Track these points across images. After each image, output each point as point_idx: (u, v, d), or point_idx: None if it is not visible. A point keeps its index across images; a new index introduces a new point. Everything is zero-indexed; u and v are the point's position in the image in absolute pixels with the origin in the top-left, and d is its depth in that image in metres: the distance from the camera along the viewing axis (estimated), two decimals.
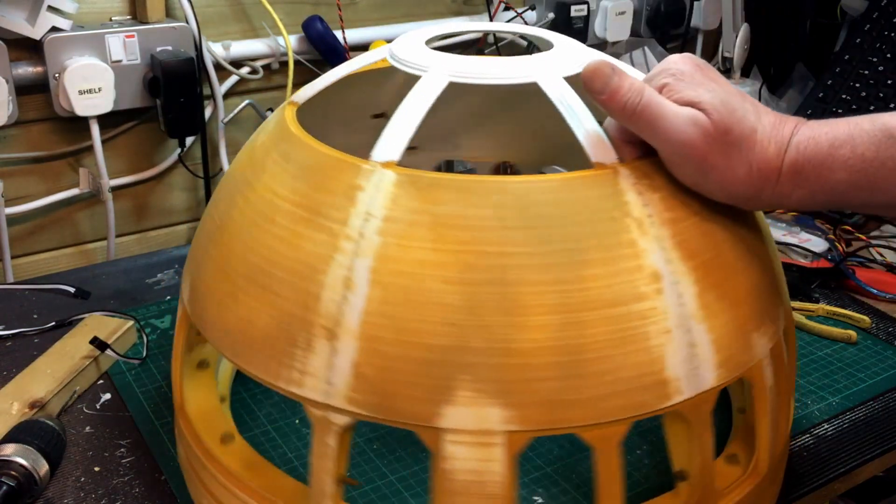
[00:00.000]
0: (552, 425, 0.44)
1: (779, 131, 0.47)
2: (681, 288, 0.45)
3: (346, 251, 0.45)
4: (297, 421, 0.64)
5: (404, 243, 0.44)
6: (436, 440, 0.44)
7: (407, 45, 0.56)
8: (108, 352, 0.68)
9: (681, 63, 0.49)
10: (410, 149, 0.48)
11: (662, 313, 0.45)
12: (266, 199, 0.49)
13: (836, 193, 0.46)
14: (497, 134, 0.79)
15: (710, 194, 0.48)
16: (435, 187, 0.46)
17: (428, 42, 0.57)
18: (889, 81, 1.01)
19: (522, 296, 0.43)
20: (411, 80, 0.52)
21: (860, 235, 0.93)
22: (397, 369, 0.44)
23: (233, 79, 0.97)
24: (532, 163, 0.80)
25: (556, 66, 0.53)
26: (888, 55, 1.04)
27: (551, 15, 1.11)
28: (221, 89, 0.96)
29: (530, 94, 0.52)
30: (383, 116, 0.71)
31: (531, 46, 1.11)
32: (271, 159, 0.51)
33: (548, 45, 0.57)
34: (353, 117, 0.67)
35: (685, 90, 0.47)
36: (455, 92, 0.51)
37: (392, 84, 0.66)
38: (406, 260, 0.44)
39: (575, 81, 0.51)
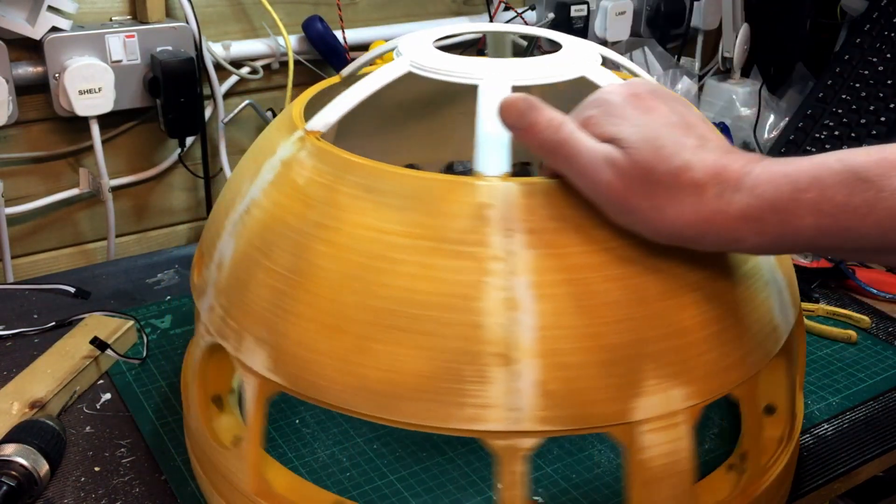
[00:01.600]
0: (717, 392, 0.46)
1: (721, 171, 0.42)
2: None
3: (499, 272, 0.43)
4: (297, 421, 0.64)
5: (557, 251, 0.44)
6: (630, 434, 0.45)
7: (428, 53, 0.55)
8: (108, 352, 0.68)
9: (614, 94, 0.45)
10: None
11: (760, 268, 0.50)
12: (367, 238, 0.45)
13: (802, 240, 0.41)
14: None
15: (643, 235, 0.44)
16: (559, 193, 0.45)
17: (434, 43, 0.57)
18: (889, 81, 1.01)
19: (674, 278, 0.45)
20: (450, 88, 0.52)
21: None
22: (583, 377, 0.43)
23: (233, 79, 0.97)
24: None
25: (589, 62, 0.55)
26: (888, 55, 1.04)
27: (551, 15, 1.11)
28: (221, 89, 0.96)
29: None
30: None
31: (530, 47, 1.11)
32: (346, 195, 0.47)
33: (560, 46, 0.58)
34: (354, 122, 0.65)
35: (607, 125, 0.44)
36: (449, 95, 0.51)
37: (404, 91, 0.65)
38: (564, 267, 0.44)
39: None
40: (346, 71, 0.65)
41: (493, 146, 0.47)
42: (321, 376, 0.45)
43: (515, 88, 0.50)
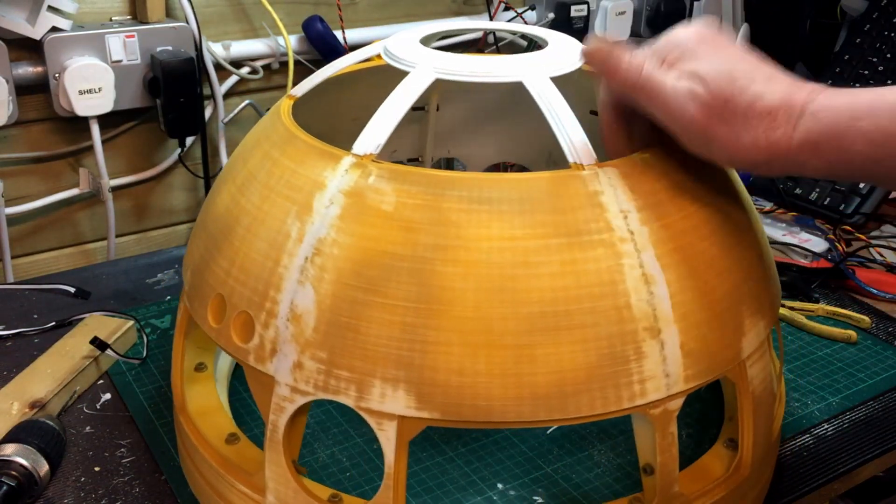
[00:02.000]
0: (775, 319, 0.54)
1: (790, 99, 0.45)
2: None
3: (630, 253, 0.46)
4: None
5: (664, 222, 0.48)
6: (742, 372, 0.51)
7: (445, 57, 0.55)
8: (108, 352, 0.68)
9: (685, 35, 0.49)
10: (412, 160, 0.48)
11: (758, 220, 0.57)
12: (497, 248, 0.45)
13: (854, 166, 0.45)
14: (495, 134, 0.80)
15: (718, 162, 0.49)
16: (646, 168, 0.49)
17: (424, 42, 0.57)
18: (889, 81, 1.01)
19: (735, 226, 0.52)
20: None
21: (860, 235, 0.93)
22: (709, 331, 0.48)
23: (233, 79, 0.97)
24: (533, 162, 0.80)
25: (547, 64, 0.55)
26: (888, 55, 1.04)
27: (551, 15, 1.11)
28: (221, 89, 0.96)
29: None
30: (354, 121, 0.70)
31: (531, 46, 1.11)
32: (455, 210, 0.46)
33: (544, 43, 0.58)
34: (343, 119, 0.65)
35: (686, 62, 0.47)
36: (454, 93, 0.51)
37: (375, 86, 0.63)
38: (672, 236, 0.48)
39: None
40: (298, 90, 0.61)
41: (575, 138, 0.49)
42: (482, 397, 0.45)
43: (554, 79, 0.52)
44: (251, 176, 0.53)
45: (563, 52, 0.56)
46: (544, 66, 0.53)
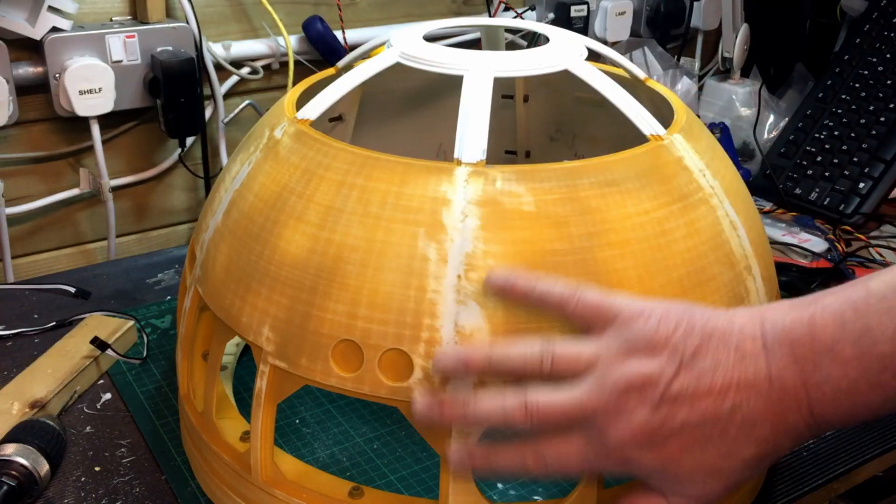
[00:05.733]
0: None
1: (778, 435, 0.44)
2: None
3: (718, 205, 0.52)
4: (297, 421, 0.64)
5: (722, 175, 0.55)
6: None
7: (418, 45, 0.56)
8: (109, 352, 0.68)
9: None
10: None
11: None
12: (639, 224, 0.48)
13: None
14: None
15: None
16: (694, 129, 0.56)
17: (428, 41, 0.58)
18: (889, 81, 1.01)
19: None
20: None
21: (860, 235, 0.93)
22: (769, 261, 0.56)
23: (233, 79, 0.97)
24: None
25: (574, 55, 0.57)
26: (888, 55, 1.04)
27: (551, 15, 1.11)
28: (221, 89, 0.96)
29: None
30: (339, 120, 0.70)
31: (531, 46, 1.11)
32: (593, 196, 0.48)
33: (544, 39, 0.59)
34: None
35: (672, 487, 0.45)
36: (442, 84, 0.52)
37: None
38: (730, 184, 0.55)
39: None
40: (341, 63, 0.66)
41: (473, 134, 0.49)
42: None
43: (498, 79, 0.52)
44: (330, 209, 0.48)
45: (544, 54, 0.56)
46: (497, 65, 0.53)
